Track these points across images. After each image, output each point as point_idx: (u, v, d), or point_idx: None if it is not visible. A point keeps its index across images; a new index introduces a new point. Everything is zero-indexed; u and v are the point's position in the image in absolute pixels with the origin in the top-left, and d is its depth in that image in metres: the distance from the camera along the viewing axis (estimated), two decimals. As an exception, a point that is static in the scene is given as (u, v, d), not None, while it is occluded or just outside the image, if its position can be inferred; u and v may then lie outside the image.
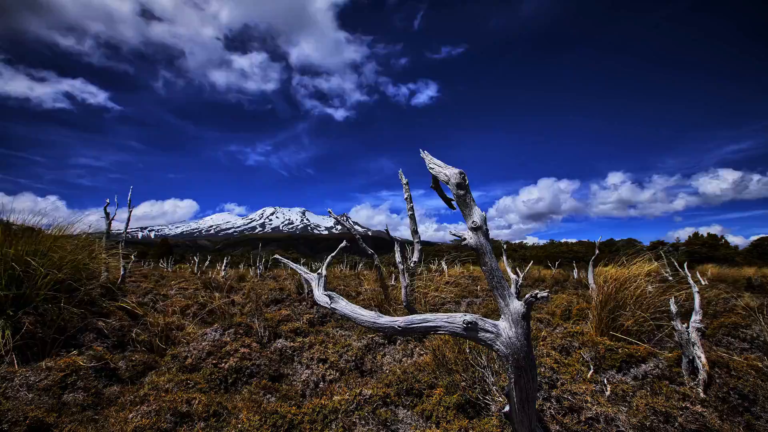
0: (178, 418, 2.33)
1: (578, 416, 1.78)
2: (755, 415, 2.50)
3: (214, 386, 3.07)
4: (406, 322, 1.23)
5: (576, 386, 2.04)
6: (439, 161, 1.31)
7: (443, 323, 1.20)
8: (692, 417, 1.79)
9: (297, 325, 4.26)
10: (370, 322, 1.33)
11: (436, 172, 1.29)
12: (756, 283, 9.22)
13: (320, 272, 1.81)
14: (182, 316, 5.46)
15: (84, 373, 2.95)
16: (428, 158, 1.30)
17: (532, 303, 1.11)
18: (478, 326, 1.16)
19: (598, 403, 1.87)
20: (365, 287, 10.98)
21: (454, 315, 1.20)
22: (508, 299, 1.16)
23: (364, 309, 1.37)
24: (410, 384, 2.50)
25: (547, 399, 1.92)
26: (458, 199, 1.24)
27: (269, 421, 1.94)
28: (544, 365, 2.33)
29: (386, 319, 1.30)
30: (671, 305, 2.85)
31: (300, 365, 3.36)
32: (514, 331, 1.13)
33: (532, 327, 4.69)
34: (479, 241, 1.19)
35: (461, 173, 1.23)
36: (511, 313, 1.14)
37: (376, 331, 1.29)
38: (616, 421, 1.72)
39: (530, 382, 1.14)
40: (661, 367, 2.80)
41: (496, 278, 1.18)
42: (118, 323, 3.93)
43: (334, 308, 1.49)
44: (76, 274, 3.87)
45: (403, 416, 2.06)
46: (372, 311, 1.35)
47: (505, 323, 1.15)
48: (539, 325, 4.91)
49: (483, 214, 1.20)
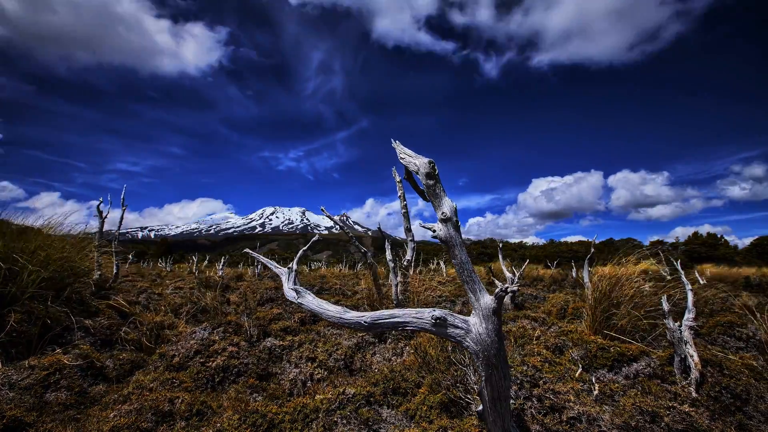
0: (159, 418, 2.29)
1: (560, 416, 1.73)
2: (747, 415, 2.46)
3: (201, 385, 3.03)
4: (372, 318, 1.19)
5: (560, 385, 2.00)
6: (409, 151, 1.26)
7: (411, 319, 1.16)
8: (679, 417, 1.75)
9: (288, 323, 4.22)
10: (336, 317, 1.29)
11: (407, 162, 1.25)
12: (754, 282, 9.17)
13: (291, 267, 1.78)
14: (175, 315, 5.43)
15: (68, 372, 2.91)
16: (399, 148, 1.26)
17: (503, 297, 1.07)
18: (448, 322, 1.12)
19: (581, 402, 1.83)
20: (362, 286, 10.95)
21: (422, 310, 1.16)
22: (478, 294, 1.12)
23: (331, 304, 1.33)
24: (397, 383, 2.46)
25: (528, 398, 1.88)
26: (428, 189, 1.19)
27: (249, 421, 1.90)
28: (527, 364, 2.29)
29: (353, 314, 1.26)
30: (663, 303, 2.81)
31: (289, 364, 3.32)
32: (484, 327, 1.08)
33: (527, 326, 4.64)
34: (449, 233, 1.15)
35: (431, 162, 1.18)
36: (481, 309, 1.10)
37: (343, 327, 1.26)
38: (599, 421, 1.67)
39: (502, 380, 1.10)
40: (653, 366, 2.75)
41: (466, 272, 1.14)
42: (107, 322, 3.89)
43: (300, 303, 1.45)
44: (64, 272, 3.83)
45: (387, 416, 2.02)
46: (339, 306, 1.31)
47: (475, 319, 1.11)
48: (534, 324, 4.87)
49: (453, 205, 1.16)
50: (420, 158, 1.21)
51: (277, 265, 1.84)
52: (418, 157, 1.22)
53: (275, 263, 1.87)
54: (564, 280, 13.19)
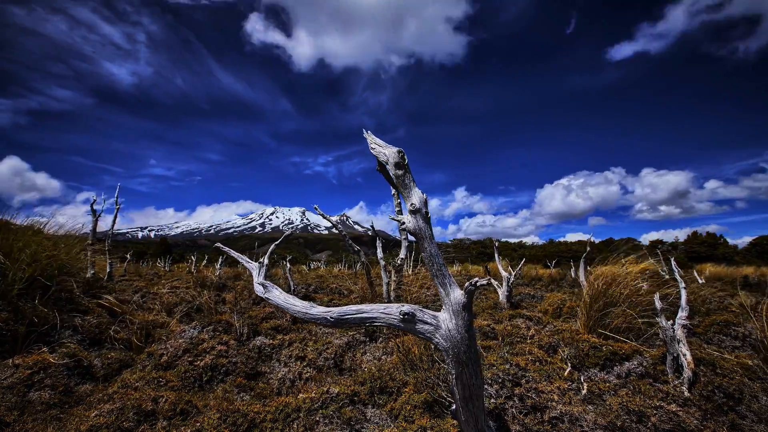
0: (141, 417, 2.25)
1: (541, 415, 1.69)
2: (740, 415, 2.42)
3: (188, 384, 3.00)
4: (339, 313, 1.15)
5: (544, 384, 1.96)
6: (380, 141, 1.22)
7: (379, 314, 1.12)
8: (666, 416, 1.71)
9: (279, 322, 4.18)
10: (302, 312, 1.25)
11: (377, 152, 1.21)
12: (753, 281, 9.12)
13: (262, 261, 1.74)
14: (168, 314, 5.39)
15: (53, 371, 2.88)
16: (370, 138, 1.22)
17: (473, 292, 1.03)
18: (416, 318, 1.08)
19: (564, 402, 1.79)
20: (360, 285, 10.89)
21: (390, 306, 1.12)
22: (448, 288, 1.08)
23: (297, 299, 1.29)
24: (384, 382, 2.42)
25: (509, 397, 1.83)
26: (397, 179, 1.15)
27: (229, 420, 1.87)
28: (510, 362, 2.25)
29: (319, 309, 1.22)
30: (656, 301, 2.77)
31: (278, 363, 3.28)
32: (454, 323, 1.04)
33: (521, 325, 4.60)
34: (418, 225, 1.11)
35: (400, 152, 1.14)
36: (451, 304, 1.06)
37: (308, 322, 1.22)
38: (581, 421, 1.63)
39: (473, 378, 1.06)
40: (646, 365, 2.72)
41: (436, 265, 1.10)
42: (96, 320, 3.85)
43: (267, 297, 1.41)
44: (53, 271, 3.79)
45: (371, 415, 1.99)
46: (305, 302, 1.27)
47: (445, 315, 1.07)
48: (529, 323, 4.83)
49: (423, 197, 1.12)
50: (389, 148, 1.17)
51: (248, 260, 1.80)
52: (387, 147, 1.18)
53: (246, 258, 1.83)
54: (562, 280, 13.15)
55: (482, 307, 6.02)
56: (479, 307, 6.05)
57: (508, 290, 6.28)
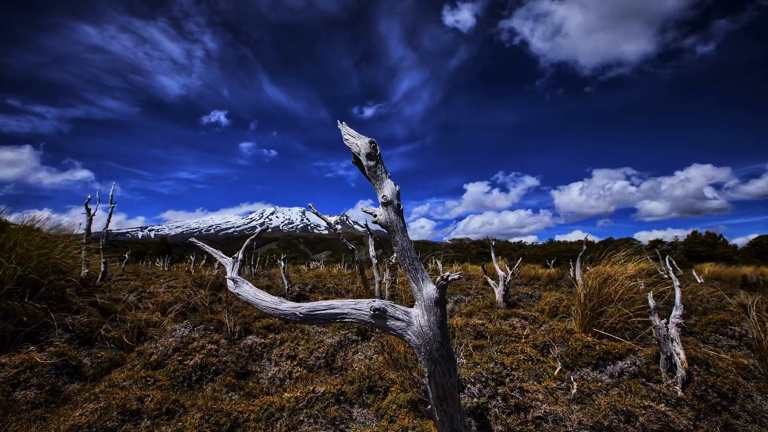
0: (125, 416, 2.22)
1: (525, 415, 1.66)
2: (734, 414, 2.38)
3: (177, 384, 2.97)
4: (309, 309, 1.12)
5: (529, 384, 1.93)
6: (353, 131, 1.19)
7: (350, 310, 1.09)
8: (655, 416, 1.68)
9: (271, 321, 4.15)
10: (271, 308, 1.22)
11: (350, 143, 1.17)
12: (752, 281, 9.08)
13: (236, 256, 1.71)
14: (163, 313, 5.36)
15: (40, 370, 2.85)
16: (344, 129, 1.19)
17: (445, 287, 1.00)
18: (388, 313, 1.05)
19: (549, 401, 1.76)
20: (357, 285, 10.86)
21: (362, 301, 1.09)
22: (421, 283, 1.05)
23: (267, 294, 1.26)
24: (373, 381, 2.39)
25: (492, 397, 1.80)
26: (369, 171, 1.12)
27: (212, 419, 1.83)
28: (495, 361, 2.22)
29: (288, 304, 1.19)
30: (649, 300, 2.73)
31: (269, 362, 3.25)
32: (426, 319, 1.01)
33: (516, 324, 4.57)
34: (389, 218, 1.07)
35: (372, 142, 1.11)
36: (423, 299, 1.03)
37: (278, 318, 1.19)
38: (565, 421, 1.60)
39: (446, 376, 1.02)
40: (639, 364, 2.68)
41: (408, 259, 1.07)
42: (87, 319, 3.83)
43: (237, 293, 1.39)
44: (44, 269, 3.77)
45: (357, 415, 1.96)
46: (275, 297, 1.24)
47: (418, 310, 1.04)
48: (524, 322, 4.79)
49: (395, 188, 1.09)
50: (362, 139, 1.14)
51: (222, 254, 1.77)
52: (360, 138, 1.14)
53: (221, 253, 1.80)
54: (561, 279, 13.11)
55: (478, 306, 5.99)
56: (475, 306, 6.01)
57: (504, 289, 6.24)
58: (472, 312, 5.48)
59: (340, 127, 1.19)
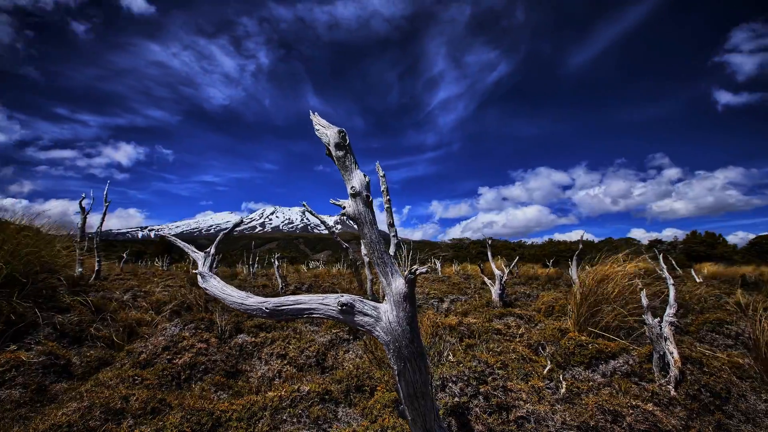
0: (109, 416, 2.19)
1: (507, 415, 1.62)
2: (727, 414, 2.35)
3: (166, 383, 2.93)
4: (275, 304, 1.09)
5: (513, 383, 1.89)
6: (324, 121, 1.16)
7: (317, 305, 1.05)
8: (642, 416, 1.64)
9: (263, 320, 4.12)
10: (238, 303, 1.19)
11: (320, 134, 1.14)
12: (750, 280, 9.04)
13: (208, 251, 1.68)
14: (157, 312, 5.33)
15: (26, 369, 2.82)
16: (315, 119, 1.15)
17: (413, 281, 0.96)
18: (356, 309, 1.01)
19: (532, 401, 1.72)
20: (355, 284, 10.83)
21: (329, 296, 1.05)
22: (390, 277, 1.01)
23: (235, 289, 1.23)
24: (361, 380, 2.36)
25: (474, 396, 1.76)
26: (338, 161, 1.09)
27: (193, 419, 1.80)
28: (478, 359, 2.18)
29: (255, 299, 1.16)
30: (642, 298, 2.70)
31: (259, 361, 3.22)
32: (395, 315, 0.98)
33: (511, 323, 4.54)
34: (358, 210, 1.04)
35: (340, 132, 1.08)
36: (393, 294, 1.00)
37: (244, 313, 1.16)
38: (548, 421, 1.56)
39: (417, 374, 0.99)
40: (632, 363, 2.65)
41: (377, 252, 1.03)
42: (77, 318, 3.79)
43: (204, 287, 1.36)
44: (34, 267, 3.73)
45: (343, 414, 1.92)
46: (243, 292, 1.21)
47: (387, 306, 1.01)
48: (520, 321, 4.76)
49: (365, 179, 1.06)
50: (331, 128, 1.10)
51: (194, 249, 1.74)
52: (330, 128, 1.11)
53: (193, 248, 1.77)
54: (559, 279, 13.07)
55: (474, 305, 5.95)
56: (471, 305, 5.98)
57: (501, 288, 6.21)
58: (468, 311, 5.45)
59: (312, 118, 1.16)
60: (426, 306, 6.13)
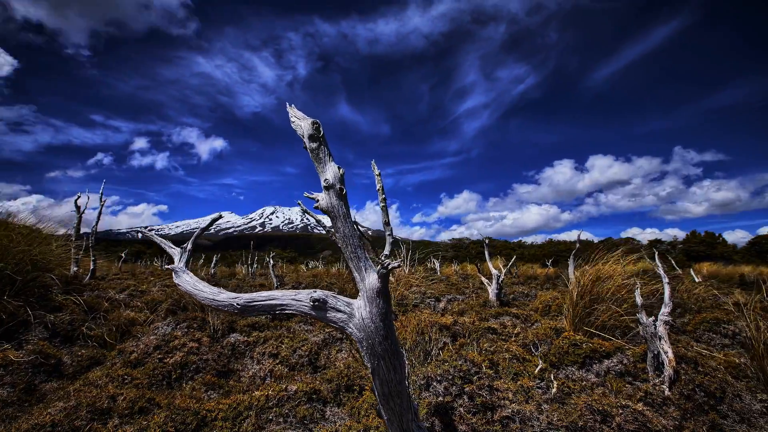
0: (95, 415, 2.16)
1: (492, 415, 1.59)
2: (721, 414, 2.32)
3: (156, 382, 2.91)
4: (247, 300, 1.06)
5: (500, 382, 1.86)
6: (300, 113, 1.13)
7: (290, 301, 1.03)
8: (632, 416, 1.61)
9: (257, 319, 4.09)
10: (209, 299, 1.16)
11: (296, 126, 1.11)
12: (749, 280, 9.01)
13: (185, 247, 1.66)
14: (152, 312, 5.31)
15: (15, 368, 2.79)
16: (292, 111, 1.12)
17: (386, 275, 0.93)
18: (328, 304, 0.99)
19: (518, 401, 1.69)
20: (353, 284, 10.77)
21: (302, 291, 1.03)
22: (363, 272, 0.99)
23: (207, 285, 1.21)
24: (352, 380, 2.33)
25: (459, 395, 1.74)
26: (311, 153, 1.06)
27: (178, 419, 1.78)
28: (464, 358, 2.15)
29: (226, 295, 1.13)
30: (636, 297, 2.67)
31: (251, 360, 3.19)
32: (368, 311, 0.95)
33: (507, 323, 4.51)
34: (331, 203, 1.01)
35: (314, 123, 1.05)
36: (366, 290, 0.97)
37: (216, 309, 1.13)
38: (533, 420, 1.54)
39: (391, 372, 0.96)
40: (626, 362, 2.62)
41: (350, 247, 1.01)
42: (69, 317, 3.77)
43: (177, 283, 1.33)
44: (25, 266, 3.71)
45: (330, 414, 1.90)
46: (214, 288, 1.19)
47: (360, 302, 0.98)
48: (516, 321, 4.73)
49: (339, 172, 1.03)
50: (305, 120, 1.07)
51: (171, 245, 1.72)
52: (304, 119, 1.08)
53: (170, 243, 1.75)
54: (558, 278, 13.04)
55: (471, 305, 5.92)
56: (468, 305, 5.95)
57: (497, 288, 6.18)
58: (464, 311, 5.42)
59: (288, 110, 1.13)
60: (423, 305, 6.10)
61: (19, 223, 4.25)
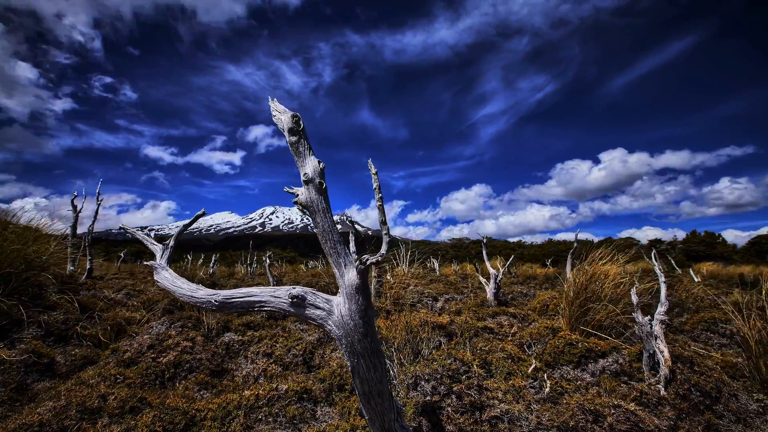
0: (85, 415, 2.15)
1: (480, 415, 1.57)
2: (717, 414, 2.30)
3: (149, 381, 2.89)
4: (225, 296, 1.05)
5: (489, 382, 1.84)
6: (281, 107, 1.11)
7: (269, 298, 1.01)
8: (624, 416, 1.60)
9: (252, 318, 4.07)
10: (188, 295, 1.15)
11: (276, 119, 1.09)
12: (749, 280, 8.98)
13: (167, 243, 1.64)
14: (149, 311, 5.29)
15: (7, 367, 2.78)
16: (274, 105, 1.11)
17: (366, 271, 0.92)
18: (307, 301, 0.97)
19: (507, 400, 1.67)
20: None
21: (280, 288, 1.01)
22: (343, 268, 0.97)
23: (186, 281, 1.19)
24: (344, 379, 2.32)
25: (447, 395, 1.72)
26: (291, 147, 1.04)
27: (166, 418, 1.76)
28: (453, 357, 2.13)
29: (204, 291, 1.11)
30: (632, 296, 2.65)
31: (245, 360, 3.18)
32: (347, 308, 0.93)
33: (504, 322, 4.49)
34: (310, 197, 0.99)
35: (294, 116, 1.03)
36: (345, 286, 0.95)
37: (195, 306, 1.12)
38: (522, 420, 1.52)
39: (371, 371, 0.94)
40: (622, 362, 2.60)
41: (330, 242, 0.99)
42: (64, 316, 3.75)
43: (157, 280, 1.32)
44: (18, 265, 3.69)
45: (321, 414, 1.88)
46: (192, 284, 1.17)
47: (340, 299, 0.96)
48: (513, 320, 4.71)
49: (319, 166, 1.01)
50: (286, 113, 1.06)
51: (153, 241, 1.70)
52: (285, 113, 1.06)
53: (152, 240, 1.73)
54: (557, 278, 13.02)
55: (468, 305, 5.90)
56: (465, 305, 5.93)
57: (495, 287, 6.16)
58: (461, 310, 5.40)
59: (270, 103, 1.11)
60: (420, 305, 6.08)
61: (15, 222, 4.23)
